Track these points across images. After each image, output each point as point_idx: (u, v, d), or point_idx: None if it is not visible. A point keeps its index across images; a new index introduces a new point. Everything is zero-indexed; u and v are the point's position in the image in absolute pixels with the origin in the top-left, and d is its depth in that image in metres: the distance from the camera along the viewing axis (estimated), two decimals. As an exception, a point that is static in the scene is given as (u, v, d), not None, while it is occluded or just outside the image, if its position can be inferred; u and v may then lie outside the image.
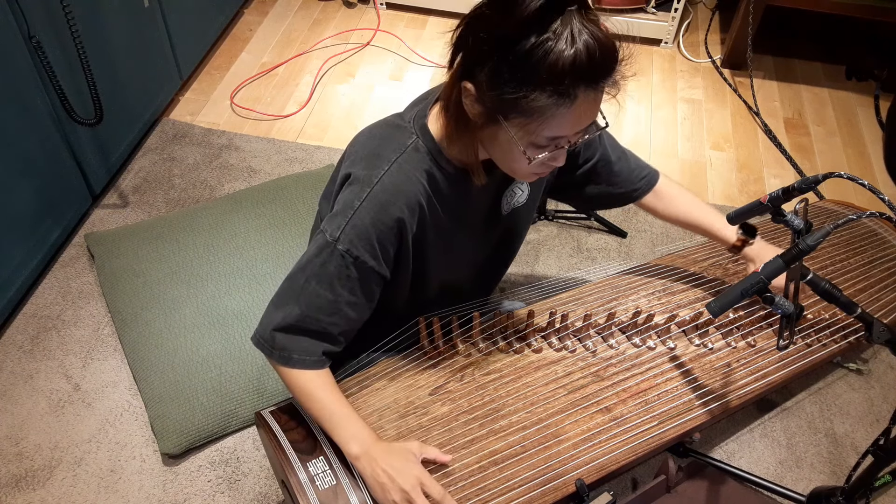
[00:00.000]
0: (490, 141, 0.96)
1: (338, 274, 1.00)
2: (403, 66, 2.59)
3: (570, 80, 0.84)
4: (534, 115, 0.87)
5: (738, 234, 1.28)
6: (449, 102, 0.96)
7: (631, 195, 1.30)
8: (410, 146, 1.02)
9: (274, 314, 1.05)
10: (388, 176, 1.00)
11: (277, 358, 1.05)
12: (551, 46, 0.82)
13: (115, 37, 1.92)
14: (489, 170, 1.05)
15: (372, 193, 0.99)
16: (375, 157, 1.01)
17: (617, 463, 1.13)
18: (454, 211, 1.09)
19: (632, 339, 1.29)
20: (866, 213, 0.98)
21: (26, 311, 1.75)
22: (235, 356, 1.59)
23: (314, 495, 1.02)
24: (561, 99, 0.85)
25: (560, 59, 0.82)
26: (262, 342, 1.06)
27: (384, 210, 0.99)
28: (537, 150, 0.92)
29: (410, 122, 1.04)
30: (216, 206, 1.92)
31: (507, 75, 0.85)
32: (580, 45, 0.82)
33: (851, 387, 1.67)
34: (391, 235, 1.01)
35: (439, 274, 1.18)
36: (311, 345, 1.04)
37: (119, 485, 1.46)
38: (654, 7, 2.66)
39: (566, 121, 0.88)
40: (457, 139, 0.99)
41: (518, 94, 0.86)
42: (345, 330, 1.06)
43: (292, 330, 1.03)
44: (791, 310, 1.00)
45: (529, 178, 1.03)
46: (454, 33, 0.90)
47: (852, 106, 2.51)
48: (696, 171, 2.25)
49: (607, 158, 1.24)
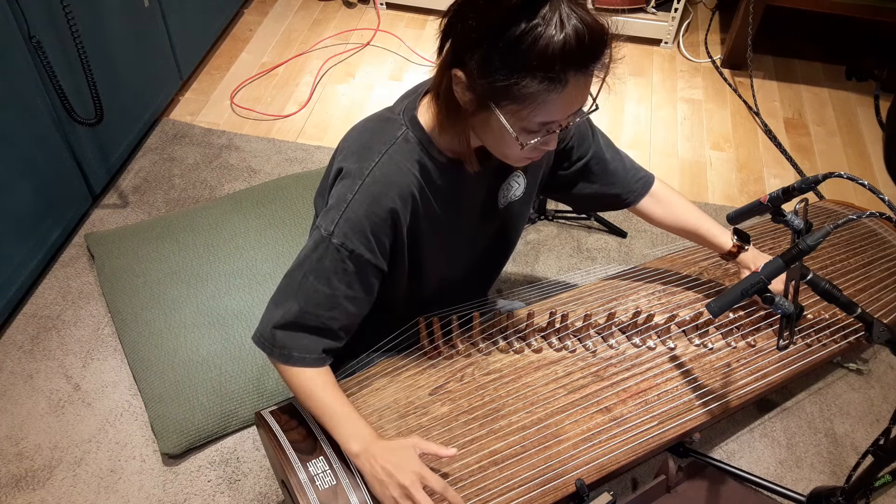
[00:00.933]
0: (482, 127, 0.96)
1: (334, 268, 1.00)
2: (403, 66, 2.59)
3: (561, 65, 0.84)
4: (525, 102, 0.87)
5: (733, 240, 1.28)
6: (439, 90, 0.96)
7: (627, 197, 1.30)
8: (400, 137, 1.02)
9: (273, 312, 1.05)
10: (378, 167, 1.00)
11: (278, 356, 1.05)
12: (541, 32, 0.82)
13: (115, 37, 1.92)
14: (483, 160, 1.05)
15: (364, 186, 0.99)
16: (366, 150, 1.02)
17: (617, 463, 1.13)
18: (448, 202, 1.09)
19: (632, 339, 1.29)
20: (866, 213, 0.98)
21: (26, 311, 1.75)
22: (235, 356, 1.59)
23: (314, 495, 1.02)
24: (552, 84, 0.85)
25: (550, 44, 0.82)
26: (262, 341, 1.06)
27: (377, 202, 0.99)
28: (529, 136, 0.92)
29: (400, 115, 1.04)
30: (216, 206, 1.92)
31: (497, 62, 0.85)
32: (569, 30, 0.82)
33: (851, 387, 1.67)
34: (385, 227, 1.01)
35: (436, 268, 1.18)
36: (311, 342, 1.04)
37: (119, 485, 1.46)
38: (654, 7, 2.66)
39: (557, 106, 0.88)
40: (448, 127, 0.99)
41: (509, 81, 0.86)
42: (345, 325, 1.06)
43: (292, 327, 1.03)
44: (791, 310, 1.00)
45: (522, 163, 1.03)
46: (442, 20, 0.90)
47: (852, 106, 2.51)
48: (696, 171, 2.25)
49: (601, 156, 1.24)
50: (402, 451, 1.00)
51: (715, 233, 1.31)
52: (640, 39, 2.73)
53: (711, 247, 1.33)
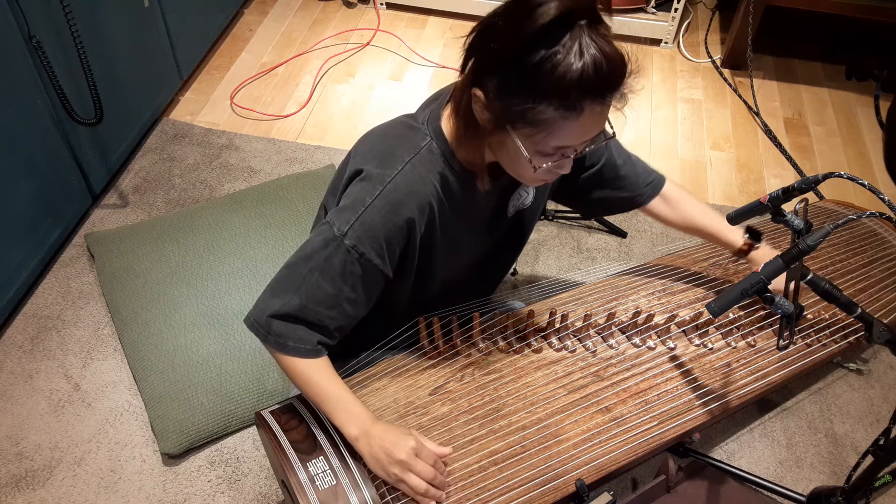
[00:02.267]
0: (498, 146, 0.97)
1: (342, 269, 1.01)
2: (403, 66, 2.59)
3: (577, 93, 0.85)
4: (540, 127, 0.89)
5: (744, 238, 1.28)
6: (459, 106, 0.97)
7: (636, 199, 1.30)
8: (424, 148, 1.03)
9: (271, 300, 1.04)
10: (401, 176, 1.00)
11: (273, 343, 1.05)
12: (560, 60, 0.83)
13: (115, 37, 1.92)
14: (497, 173, 1.06)
15: (384, 192, 0.99)
16: (389, 157, 1.02)
17: (617, 463, 1.13)
18: (461, 212, 1.10)
19: (632, 339, 1.29)
20: (866, 213, 0.98)
21: (26, 311, 1.75)
22: (235, 356, 1.59)
23: (314, 495, 1.02)
24: (567, 112, 0.86)
25: (567, 72, 0.83)
26: (256, 326, 1.05)
27: (395, 210, 0.99)
28: (543, 159, 0.93)
29: (424, 124, 1.05)
30: (216, 206, 1.92)
31: (514, 87, 0.87)
32: (588, 59, 0.83)
33: (851, 387, 1.67)
34: (400, 236, 1.02)
35: (443, 273, 1.18)
36: (306, 334, 1.04)
37: (119, 485, 1.46)
38: (654, 7, 2.66)
39: (572, 132, 0.89)
40: (466, 142, 1.00)
41: (525, 106, 0.87)
42: (341, 325, 1.06)
43: (290, 319, 1.03)
44: (791, 310, 1.00)
45: (535, 184, 1.04)
46: (467, 38, 0.91)
47: (852, 106, 2.51)
48: (696, 171, 2.25)
49: (613, 163, 1.24)
50: (398, 430, 1.02)
51: (726, 231, 1.30)
52: (640, 39, 2.73)
53: (723, 245, 1.33)
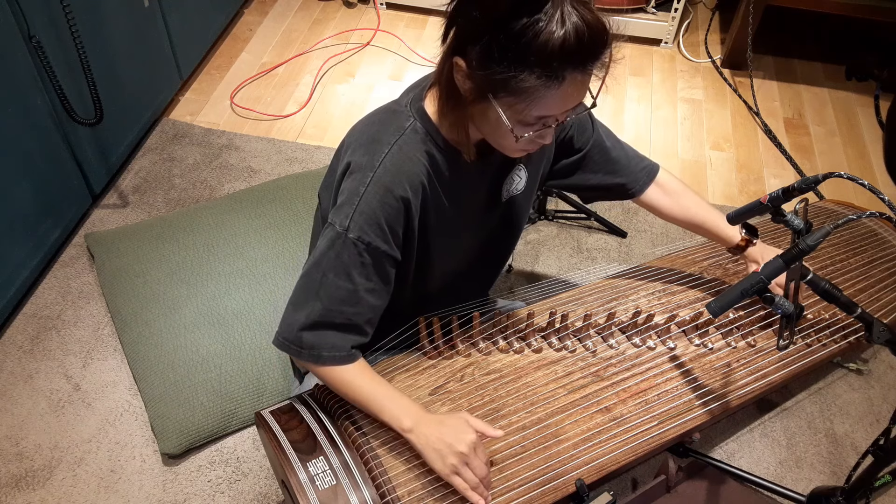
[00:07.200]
0: (480, 117, 0.97)
1: (353, 262, 1.01)
2: (403, 66, 2.59)
3: (559, 62, 0.84)
4: (522, 95, 0.88)
5: (741, 234, 1.28)
6: (441, 77, 0.97)
7: (633, 186, 1.29)
8: (409, 128, 1.02)
9: (296, 315, 1.04)
10: (388, 158, 1.00)
11: (307, 357, 1.04)
12: (541, 28, 0.83)
13: (115, 37, 1.92)
14: (486, 154, 1.05)
15: (375, 177, 0.99)
16: (375, 143, 1.02)
17: (617, 463, 1.13)
18: (453, 194, 1.10)
19: (632, 339, 1.29)
20: (866, 213, 0.98)
21: (26, 311, 1.75)
22: (235, 356, 1.59)
23: (314, 495, 1.02)
24: (549, 80, 0.86)
25: (549, 40, 0.83)
26: (287, 344, 1.05)
27: (389, 191, 1.00)
28: (525, 128, 0.93)
29: (407, 106, 1.05)
30: (216, 206, 1.92)
31: (496, 55, 0.86)
32: (570, 28, 0.83)
33: (851, 387, 1.67)
34: (399, 216, 1.02)
35: (441, 260, 1.18)
36: (338, 339, 1.04)
37: (119, 485, 1.46)
38: (654, 7, 2.66)
39: (553, 101, 0.89)
40: (448, 113, 1.00)
41: (507, 75, 0.86)
42: (370, 318, 1.06)
43: (318, 326, 1.03)
44: (791, 310, 1.00)
45: (518, 154, 1.04)
46: (448, 7, 0.91)
47: (852, 106, 2.51)
48: (696, 171, 2.25)
49: (602, 145, 1.24)
50: (455, 422, 1.02)
51: (723, 226, 1.30)
52: (640, 39, 2.73)
53: (719, 240, 1.32)
